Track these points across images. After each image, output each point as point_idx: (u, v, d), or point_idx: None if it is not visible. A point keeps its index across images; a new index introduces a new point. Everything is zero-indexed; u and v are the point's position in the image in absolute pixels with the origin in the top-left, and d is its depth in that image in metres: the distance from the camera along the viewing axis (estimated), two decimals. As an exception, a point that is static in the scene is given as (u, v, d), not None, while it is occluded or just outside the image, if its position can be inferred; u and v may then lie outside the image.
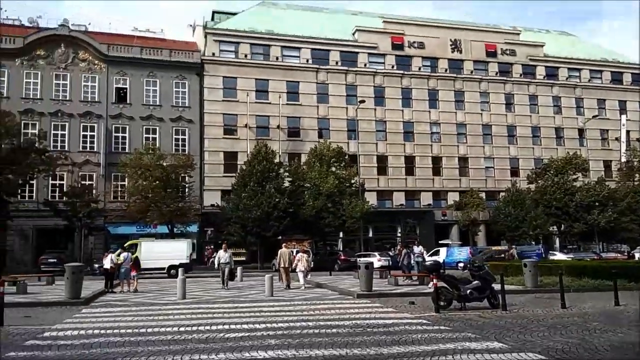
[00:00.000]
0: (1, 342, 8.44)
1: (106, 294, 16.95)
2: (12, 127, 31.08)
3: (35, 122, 37.10)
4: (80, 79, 38.83)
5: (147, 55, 40.55)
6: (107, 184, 37.58)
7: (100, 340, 8.38)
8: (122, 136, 39.19)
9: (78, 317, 11.36)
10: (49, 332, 9.28)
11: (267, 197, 33.39)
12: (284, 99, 42.48)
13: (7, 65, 37.32)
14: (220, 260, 18.15)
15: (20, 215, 33.55)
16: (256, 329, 9.33)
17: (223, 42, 43.08)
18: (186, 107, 40.86)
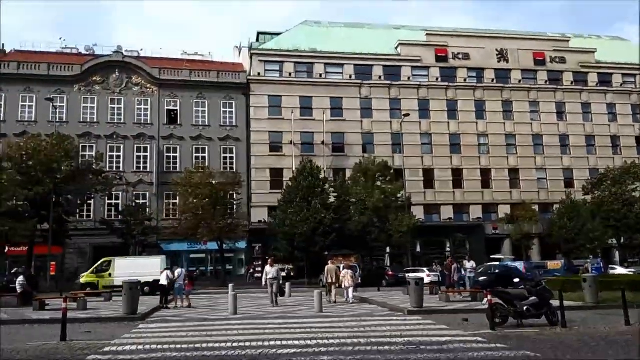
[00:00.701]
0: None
1: (161, 310, 17.42)
2: (71, 150, 32.81)
3: (93, 144, 38.98)
4: (133, 102, 40.63)
5: (196, 77, 41.99)
6: (160, 202, 38.88)
7: (158, 355, 8.62)
8: (173, 156, 40.56)
9: (135, 333, 11.73)
10: (109, 347, 9.61)
11: (313, 212, 33.55)
12: (328, 115, 42.82)
13: (67, 92, 39.56)
14: (268, 275, 17.61)
15: (78, 234, 35.14)
16: (308, 345, 9.35)
17: (268, 61, 44.06)
18: (233, 126, 41.91)
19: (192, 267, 35.91)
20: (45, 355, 8.82)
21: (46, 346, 9.79)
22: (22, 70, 39.28)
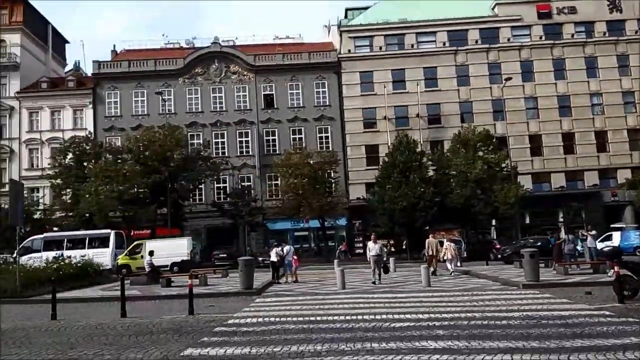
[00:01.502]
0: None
1: (273, 285, 18.32)
2: (181, 139, 35.30)
3: (199, 132, 41.50)
4: (233, 90, 42.48)
5: (288, 60, 42.84)
6: (263, 183, 40.62)
7: (277, 327, 9.10)
8: (272, 139, 42.00)
9: (253, 306, 12.47)
10: (231, 319, 10.32)
11: (412, 187, 33.08)
12: (422, 87, 41.62)
13: (173, 85, 42.33)
14: (370, 252, 17.01)
15: (193, 217, 37.91)
16: (420, 319, 9.33)
17: (357, 37, 43.63)
18: (327, 105, 42.32)
19: (297, 244, 37.20)
20: (177, 327, 9.67)
21: (177, 319, 10.73)
22: (132, 68, 42.64)
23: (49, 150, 40.03)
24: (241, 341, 7.92)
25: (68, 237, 30.12)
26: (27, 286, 16.44)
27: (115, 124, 41.69)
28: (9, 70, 42.83)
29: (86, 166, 35.03)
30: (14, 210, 16.56)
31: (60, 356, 7.37)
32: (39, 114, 42.40)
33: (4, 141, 41.87)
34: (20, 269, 16.92)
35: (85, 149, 35.84)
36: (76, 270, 19.88)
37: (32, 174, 40.15)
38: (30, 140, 41.93)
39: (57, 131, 41.56)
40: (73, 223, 33.45)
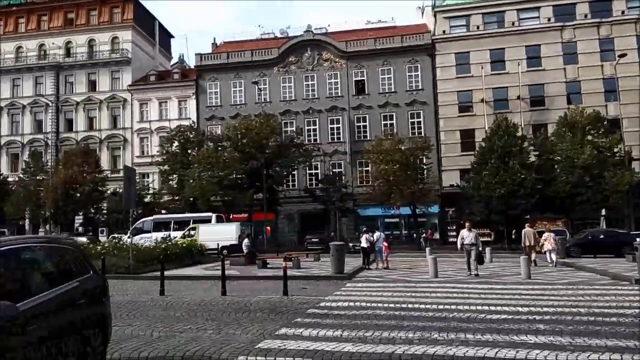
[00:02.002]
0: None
1: (364, 270, 18.42)
2: (276, 127, 36.42)
3: (292, 120, 42.50)
4: (325, 77, 42.89)
5: (380, 45, 42.29)
6: (354, 170, 40.76)
7: (369, 312, 9.15)
8: (363, 125, 41.91)
9: (345, 290, 12.64)
10: (324, 302, 10.54)
11: (511, 174, 31.38)
12: (523, 67, 39.10)
13: (268, 74, 43.64)
14: (464, 240, 16.10)
15: (287, 202, 39.12)
16: (519, 312, 8.90)
17: (453, 17, 41.92)
18: (419, 89, 41.29)
19: (387, 231, 36.96)
20: (273, 307, 10.07)
21: (272, 299, 11.18)
22: (231, 59, 44.54)
23: (157, 139, 43.21)
24: (333, 324, 8.07)
25: (175, 219, 32.54)
26: (140, 264, 18.01)
27: (215, 114, 43.96)
28: (122, 65, 46.81)
29: (190, 153, 37.45)
30: (128, 194, 18.16)
31: (168, 329, 8.00)
32: (148, 105, 45.87)
33: (119, 131, 45.98)
34: (133, 248, 18.53)
35: (189, 138, 38.27)
36: (182, 250, 21.43)
37: (143, 161, 43.67)
38: (141, 129, 45.57)
39: (164, 121, 44.74)
40: (179, 206, 36.00)
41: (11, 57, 48.80)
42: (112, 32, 48.24)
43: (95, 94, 46.72)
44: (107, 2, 49.49)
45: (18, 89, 47.99)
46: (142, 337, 7.36)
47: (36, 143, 46.41)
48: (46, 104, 46.75)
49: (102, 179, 39.28)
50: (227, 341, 7.00)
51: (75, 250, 5.70)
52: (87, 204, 38.04)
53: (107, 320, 5.71)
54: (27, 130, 47.13)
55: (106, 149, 45.77)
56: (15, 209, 38.10)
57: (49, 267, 4.99)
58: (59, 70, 47.48)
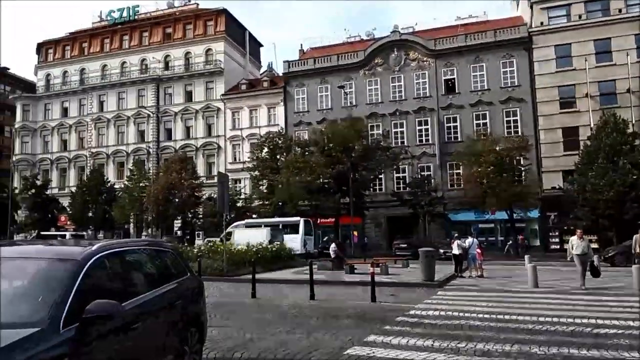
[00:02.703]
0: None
1: (456, 278, 17.70)
2: (362, 130, 36.29)
3: (379, 123, 42.15)
4: (412, 77, 42.07)
5: (471, 41, 40.68)
6: (444, 172, 39.52)
7: (462, 322, 8.71)
8: (453, 125, 40.53)
9: (435, 299, 12.17)
10: (413, 310, 10.22)
11: (621, 174, 28.64)
12: (633, 57, 35.63)
13: (354, 77, 43.70)
14: (574, 250, 14.26)
15: (373, 206, 38.78)
16: (630, 326, 8.04)
17: (552, 7, 39.24)
18: (515, 86, 39.13)
19: (481, 237, 35.35)
20: (360, 313, 9.93)
21: (360, 305, 11.04)
22: (317, 65, 45.21)
23: (248, 145, 44.87)
24: (423, 333, 7.80)
25: (265, 224, 33.47)
26: (232, 266, 18.70)
27: (303, 119, 44.81)
28: (215, 75, 49.31)
29: (279, 159, 38.47)
30: (221, 199, 18.96)
31: (260, 331, 8.16)
32: (240, 113, 47.83)
33: (213, 138, 48.41)
34: (227, 251, 19.29)
35: (277, 143, 39.34)
36: (272, 254, 21.99)
37: (235, 167, 45.57)
38: (233, 137, 47.64)
39: (255, 128, 46.39)
40: (269, 211, 37.04)
41: (117, 72, 53.26)
42: (206, 45, 51.00)
43: (192, 104, 49.61)
44: (201, 16, 52.47)
45: (123, 101, 52.23)
46: (235, 338, 7.56)
47: (139, 152, 50.20)
48: (148, 115, 50.41)
49: (198, 184, 41.47)
50: (316, 346, 6.99)
51: (174, 253, 5.96)
52: (185, 209, 40.35)
53: (203, 321, 5.93)
54: (131, 140, 51.09)
55: (201, 156, 48.36)
56: (122, 213, 41.37)
57: (151, 268, 5.26)
58: (159, 83, 51.03)
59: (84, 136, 53.10)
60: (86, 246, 4.20)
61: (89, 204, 43.31)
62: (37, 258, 4.04)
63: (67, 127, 53.78)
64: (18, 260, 4.04)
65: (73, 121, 53.59)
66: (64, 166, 53.41)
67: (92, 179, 45.08)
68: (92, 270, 3.81)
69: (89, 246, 4.17)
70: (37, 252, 4.38)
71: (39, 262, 3.93)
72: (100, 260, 4.04)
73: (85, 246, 4.21)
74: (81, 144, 53.02)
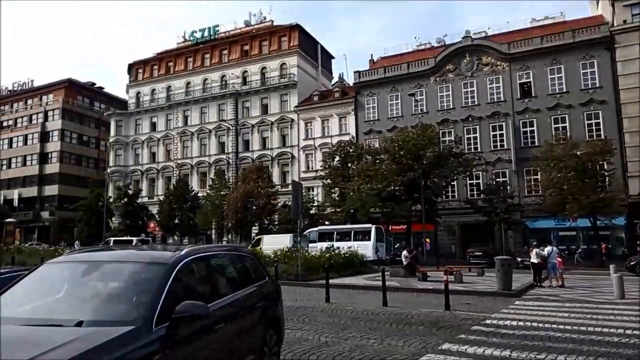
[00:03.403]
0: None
1: (535, 288, 17.07)
2: (433, 137, 35.81)
3: (451, 129, 41.36)
4: (485, 82, 40.99)
5: (547, 43, 39.00)
6: (520, 179, 38.03)
7: (541, 333, 8.53)
8: (529, 130, 38.96)
9: (513, 308, 11.90)
10: (489, 319, 10.08)
11: None
12: None
13: (424, 84, 43.26)
14: None
15: (446, 213, 38.04)
16: None
17: (635, 4, 36.83)
18: (596, 87, 36.99)
19: (562, 245, 33.55)
20: (434, 320, 9.95)
21: (433, 313, 11.03)
22: (387, 74, 45.23)
23: (320, 154, 45.66)
24: (500, 343, 7.73)
25: (337, 230, 34.04)
26: (307, 271, 19.20)
27: (373, 127, 44.95)
28: (289, 88, 50.79)
29: (350, 167, 38.86)
30: (296, 207, 19.58)
31: (334, 335, 8.46)
32: (312, 123, 48.86)
33: (287, 148, 49.74)
34: (301, 256, 19.84)
35: (349, 152, 39.75)
36: (344, 260, 22.31)
37: (308, 175, 46.51)
38: (306, 146, 48.70)
39: (327, 137, 47.17)
40: (340, 218, 37.48)
41: (199, 88, 56.34)
42: (280, 59, 52.73)
43: (267, 116, 51.37)
44: (276, 32, 54.36)
45: (205, 115, 55.09)
46: (310, 342, 7.90)
47: (220, 162, 52.63)
48: (227, 127, 52.82)
49: (274, 192, 42.75)
50: (389, 352, 7.15)
51: (253, 258, 6.35)
52: (262, 216, 41.73)
53: (281, 323, 6.23)
54: (213, 151, 53.69)
55: (277, 165, 49.84)
56: (204, 220, 43.52)
57: (233, 272, 5.65)
58: (237, 97, 53.36)
59: (170, 148, 56.59)
60: (175, 251, 4.53)
61: (175, 211, 46.02)
62: (131, 262, 4.38)
63: (156, 141, 57.51)
64: (114, 263, 4.42)
65: (161, 135, 57.22)
66: (152, 176, 57.11)
67: (178, 188, 47.85)
68: (180, 273, 4.11)
69: (178, 251, 4.50)
70: (131, 256, 4.69)
71: (133, 266, 4.27)
72: (188, 264, 4.36)
73: (174, 251, 4.54)
74: (168, 156, 56.52)
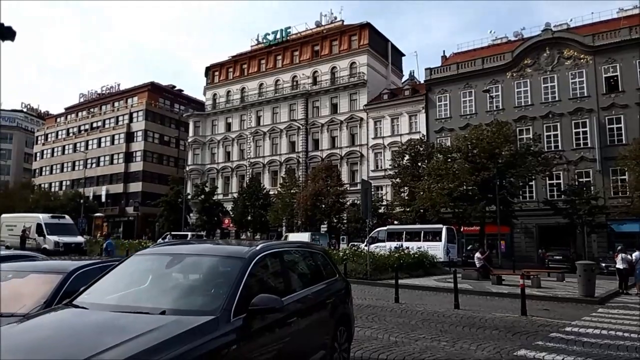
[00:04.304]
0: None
1: (621, 295, 15.97)
2: (509, 135, 34.33)
3: (529, 127, 39.47)
4: (566, 77, 38.72)
5: (637, 34, 36.17)
6: (605, 179, 35.61)
7: (626, 343, 8.05)
8: (616, 127, 36.35)
9: (595, 316, 11.24)
10: (569, 327, 9.60)
11: None
12: None
13: (500, 80, 41.60)
14: None
15: (523, 215, 36.34)
16: None
17: None
18: (696, 80, 33.85)
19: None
20: (509, 325, 9.62)
21: (508, 318, 10.65)
22: (460, 70, 43.95)
23: (390, 153, 45.21)
24: (581, 352, 7.39)
25: (406, 230, 33.63)
26: (375, 271, 19.16)
27: (445, 125, 43.90)
28: (358, 87, 50.77)
29: (420, 166, 38.23)
30: (365, 206, 19.57)
31: (404, 335, 8.42)
32: (381, 122, 48.52)
33: (356, 147, 49.78)
34: (370, 255, 19.83)
35: (419, 151, 39.12)
36: (413, 260, 22.03)
37: (377, 174, 46.26)
38: (375, 145, 48.46)
39: (396, 136, 46.67)
40: (410, 217, 36.98)
41: (271, 89, 57.73)
42: (350, 59, 52.81)
43: (337, 116, 51.67)
44: (346, 32, 54.52)
45: (276, 116, 56.39)
46: (380, 340, 7.92)
47: (290, 161, 53.66)
48: (298, 127, 53.73)
49: (343, 191, 42.97)
50: (461, 355, 7.04)
51: (324, 255, 6.44)
52: (330, 214, 42.11)
53: (351, 320, 6.31)
54: (284, 150, 54.83)
55: (345, 164, 49.99)
56: (275, 217, 44.59)
57: (304, 268, 5.80)
58: (307, 97, 54.12)
59: (244, 148, 58.51)
60: (250, 246, 4.70)
61: (248, 209, 47.55)
62: (210, 255, 4.62)
63: (230, 140, 59.67)
64: (195, 256, 4.66)
65: (235, 135, 59.28)
66: (227, 174, 59.29)
67: (251, 186, 49.41)
68: (256, 268, 4.28)
69: (253, 246, 4.67)
70: (209, 250, 4.93)
71: (211, 259, 4.50)
72: (263, 259, 4.53)
73: (250, 246, 4.71)
74: (242, 155, 58.45)
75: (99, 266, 5.37)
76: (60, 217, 30.19)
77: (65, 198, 60.93)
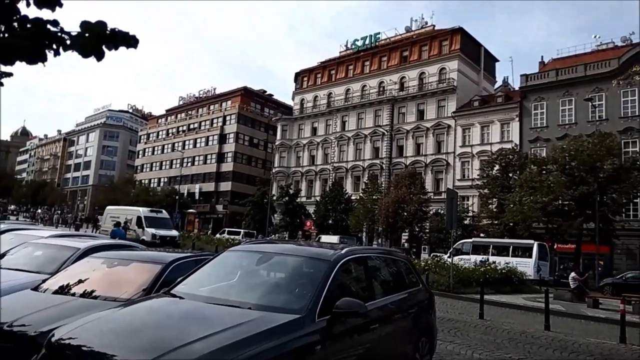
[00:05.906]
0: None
1: None
2: (613, 147, 31.69)
3: (635, 139, 36.29)
4: (684, 85, 35.16)
5: None
6: None
7: None
8: None
9: None
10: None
11: None
12: None
13: (604, 88, 38.63)
14: None
15: (625, 234, 33.40)
16: None
17: None
18: None
19: None
20: (606, 353, 8.94)
21: (605, 344, 9.89)
22: (560, 77, 41.39)
23: (478, 162, 43.54)
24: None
25: (493, 244, 32.18)
26: (458, 283, 18.55)
27: (540, 135, 41.53)
28: (447, 93, 49.53)
29: (511, 177, 36.36)
30: (449, 216, 19.05)
31: (488, 353, 8.09)
32: (471, 129, 46.92)
33: (442, 155, 48.53)
34: (453, 268, 19.24)
35: (510, 161, 37.27)
36: (500, 276, 21.03)
37: (463, 184, 44.75)
38: (462, 153, 46.94)
39: (486, 144, 44.87)
40: (497, 231, 35.29)
41: (357, 95, 58.02)
42: (440, 64, 51.67)
43: (423, 122, 50.74)
44: (437, 37, 53.45)
45: (362, 121, 56.56)
46: (463, 356, 7.68)
47: (373, 167, 53.51)
48: (382, 133, 53.48)
49: (426, 200, 42.05)
50: (550, 379, 6.62)
51: (407, 264, 6.36)
52: (413, 222, 41.35)
53: (434, 332, 6.17)
54: (367, 156, 54.84)
55: (430, 172, 48.91)
56: (356, 222, 44.67)
57: (387, 275, 5.77)
58: (393, 103, 53.74)
59: (328, 152, 59.37)
60: (336, 249, 4.75)
61: (329, 212, 48.12)
62: (296, 255, 4.69)
63: (315, 145, 60.81)
64: (282, 256, 4.76)
65: (320, 139, 60.32)
66: (311, 178, 60.44)
67: (333, 190, 50.01)
68: (340, 271, 4.30)
69: (338, 250, 4.72)
70: (296, 250, 4.99)
71: (296, 259, 4.58)
72: (347, 263, 4.55)
73: (335, 249, 4.76)
74: (326, 159, 59.35)
75: (193, 259, 5.73)
76: (158, 212, 32.23)
77: (162, 194, 65.24)
